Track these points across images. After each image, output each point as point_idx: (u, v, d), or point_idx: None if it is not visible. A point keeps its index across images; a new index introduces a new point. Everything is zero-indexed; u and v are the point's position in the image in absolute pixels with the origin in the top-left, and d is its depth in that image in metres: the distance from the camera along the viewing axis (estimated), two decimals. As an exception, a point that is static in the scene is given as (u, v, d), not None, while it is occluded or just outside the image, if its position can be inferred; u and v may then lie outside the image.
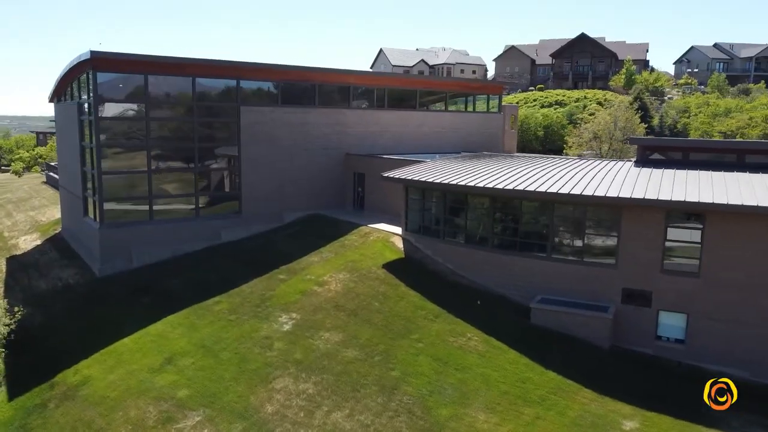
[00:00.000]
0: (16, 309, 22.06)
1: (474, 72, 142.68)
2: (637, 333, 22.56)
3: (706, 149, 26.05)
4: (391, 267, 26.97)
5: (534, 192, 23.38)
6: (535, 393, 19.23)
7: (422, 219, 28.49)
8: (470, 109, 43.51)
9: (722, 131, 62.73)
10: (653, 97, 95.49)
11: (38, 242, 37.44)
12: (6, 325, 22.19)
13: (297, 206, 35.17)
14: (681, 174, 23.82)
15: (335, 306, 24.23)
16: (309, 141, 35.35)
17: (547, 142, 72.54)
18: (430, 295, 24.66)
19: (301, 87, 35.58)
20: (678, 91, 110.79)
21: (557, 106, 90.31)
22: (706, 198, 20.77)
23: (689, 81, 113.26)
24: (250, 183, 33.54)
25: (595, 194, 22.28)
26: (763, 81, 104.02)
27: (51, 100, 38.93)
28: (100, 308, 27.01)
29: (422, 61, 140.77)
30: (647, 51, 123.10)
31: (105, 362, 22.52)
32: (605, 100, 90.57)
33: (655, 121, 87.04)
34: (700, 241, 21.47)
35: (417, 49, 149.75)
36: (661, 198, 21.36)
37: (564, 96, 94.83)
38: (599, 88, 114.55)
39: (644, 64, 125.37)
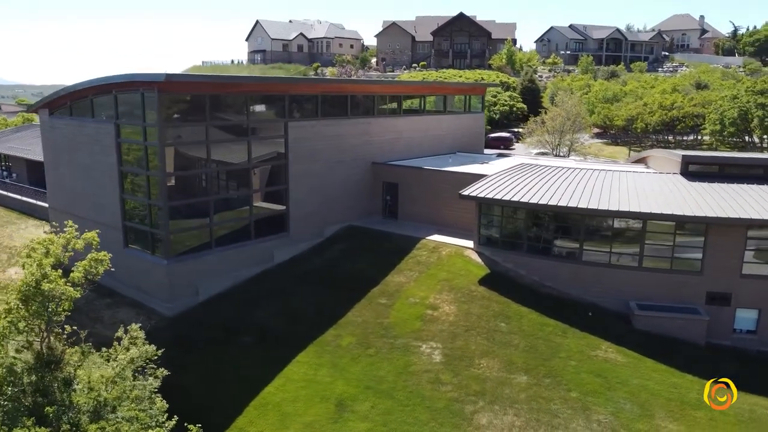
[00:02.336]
0: (158, 371, 19.89)
1: (352, 46, 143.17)
2: (717, 328, 26.60)
3: (738, 165, 30.61)
4: (486, 283, 28.40)
5: (637, 212, 26.20)
6: (690, 396, 22.31)
7: (500, 234, 30.16)
8: (448, 109, 45.21)
9: (624, 116, 70.89)
10: (537, 77, 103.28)
11: (40, 275, 32.84)
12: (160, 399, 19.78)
13: (334, 219, 34.87)
14: (744, 190, 28.01)
15: (466, 330, 25.30)
16: (342, 152, 34.96)
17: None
18: (542, 310, 26.66)
19: (335, 99, 34.90)
20: (544, 69, 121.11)
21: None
22: (788, 216, 25.02)
23: (556, 60, 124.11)
24: (297, 200, 32.60)
25: (696, 215, 25.63)
26: (622, 62, 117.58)
27: (33, 111, 33.78)
28: (202, 355, 25.29)
29: (301, 34, 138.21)
30: (515, 30, 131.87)
31: (267, 417, 21.66)
32: (501, 81, 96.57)
33: (546, 102, 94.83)
34: (773, 249, 25.85)
35: (290, 21, 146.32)
36: (749, 217, 25.26)
37: (462, 77, 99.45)
38: (476, 67, 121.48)
39: (513, 43, 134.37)
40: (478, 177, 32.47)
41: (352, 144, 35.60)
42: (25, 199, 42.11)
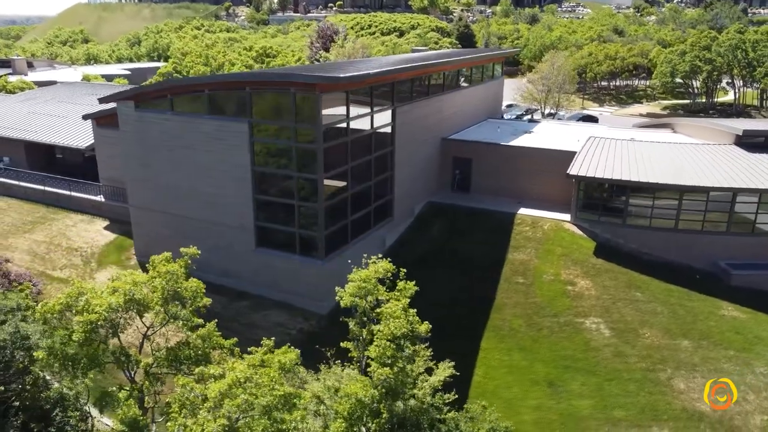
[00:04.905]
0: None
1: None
2: (787, 278, 32.05)
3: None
4: (601, 255, 31.36)
5: (732, 187, 30.28)
6: (807, 342, 27.28)
7: (599, 207, 33.11)
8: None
9: (573, 66, 75.78)
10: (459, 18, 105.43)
11: (140, 280, 30.77)
12: None
13: (417, 198, 35.88)
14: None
15: (613, 303, 28.32)
16: (424, 131, 35.64)
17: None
18: (659, 277, 30.25)
19: (420, 81, 35.14)
20: (456, 9, 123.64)
21: (396, 33, 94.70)
22: None
23: (469, 1, 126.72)
24: (399, 184, 33.17)
25: (785, 187, 30.19)
26: (537, 5, 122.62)
27: (108, 102, 30.31)
28: (383, 350, 26.11)
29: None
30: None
31: (493, 405, 23.44)
32: (437, 27, 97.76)
33: (480, 46, 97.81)
34: (833, 211, 31.31)
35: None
36: (822, 186, 30.29)
37: (396, 21, 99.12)
38: (392, 7, 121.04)
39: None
40: (560, 152, 35.05)
41: (431, 122, 36.32)
42: (50, 189, 38.13)
